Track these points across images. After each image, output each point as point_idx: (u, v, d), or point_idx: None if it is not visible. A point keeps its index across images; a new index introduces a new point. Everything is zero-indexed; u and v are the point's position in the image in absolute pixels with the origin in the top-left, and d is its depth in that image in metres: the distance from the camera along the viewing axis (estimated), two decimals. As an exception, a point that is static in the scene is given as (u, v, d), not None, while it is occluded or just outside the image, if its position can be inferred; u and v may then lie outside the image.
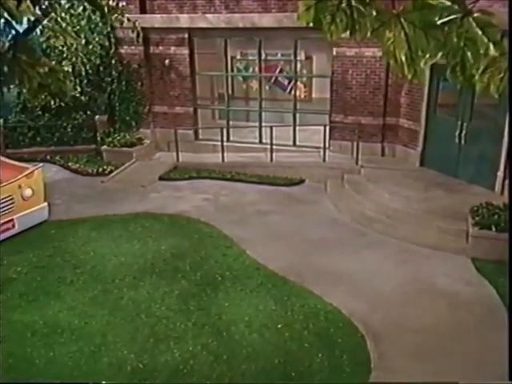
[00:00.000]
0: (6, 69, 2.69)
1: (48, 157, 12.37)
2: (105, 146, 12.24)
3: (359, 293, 6.53)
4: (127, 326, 5.85)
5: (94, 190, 10.49)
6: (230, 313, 6.07)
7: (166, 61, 12.17)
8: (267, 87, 13.97)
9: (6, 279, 6.93)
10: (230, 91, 13.16)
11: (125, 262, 7.34)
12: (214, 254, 7.53)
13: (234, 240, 7.93)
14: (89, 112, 13.11)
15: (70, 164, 11.90)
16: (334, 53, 10.99)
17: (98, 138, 12.63)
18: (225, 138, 12.00)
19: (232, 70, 13.64)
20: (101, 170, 11.44)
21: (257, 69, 12.60)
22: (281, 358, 5.32)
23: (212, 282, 6.75)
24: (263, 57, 12.51)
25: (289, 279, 6.78)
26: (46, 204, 8.74)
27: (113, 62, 12.40)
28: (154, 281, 6.79)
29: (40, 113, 13.07)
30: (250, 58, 13.68)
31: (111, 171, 11.35)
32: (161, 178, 11.01)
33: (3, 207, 7.96)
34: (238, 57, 14.11)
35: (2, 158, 9.19)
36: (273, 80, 14.15)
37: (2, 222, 7.92)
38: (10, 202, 8.07)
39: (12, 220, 8.10)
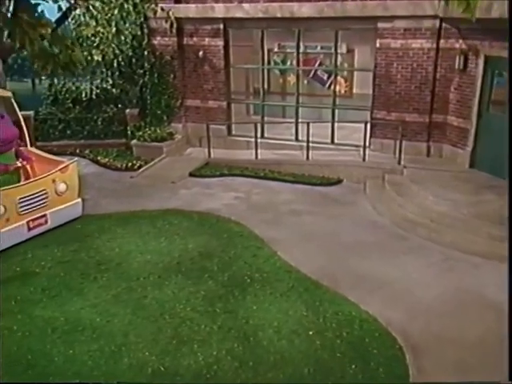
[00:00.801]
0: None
1: (77, 150, 12.62)
2: (135, 141, 12.40)
3: (398, 301, 6.30)
4: (150, 326, 5.82)
5: (123, 185, 10.61)
6: (257, 317, 5.96)
7: (200, 52, 12.22)
8: (305, 82, 13.83)
9: (29, 273, 7.04)
10: (265, 85, 13.11)
11: (150, 259, 7.34)
12: (244, 254, 7.45)
13: (265, 240, 7.84)
14: (120, 105, 13.32)
15: (99, 158, 12.10)
16: (378, 44, 10.74)
17: (129, 132, 12.81)
18: (259, 135, 11.94)
19: (268, 64, 13.58)
20: (130, 164, 11.58)
21: (295, 62, 12.47)
22: (311, 367, 5.17)
23: (240, 283, 6.66)
24: (302, 49, 12.40)
25: (322, 284, 6.63)
26: (80, 200, 8.76)
27: (145, 53, 12.53)
28: (179, 280, 6.76)
29: (71, 105, 13.37)
30: (288, 50, 13.60)
31: (140, 166, 11.47)
32: (191, 175, 11.05)
33: (36, 202, 8.02)
34: (276, 49, 14.04)
35: (37, 151, 9.29)
36: (311, 74, 14.00)
37: (34, 217, 7.99)
38: (43, 196, 8.11)
39: (45, 215, 8.15)
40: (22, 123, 9.04)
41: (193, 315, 6.00)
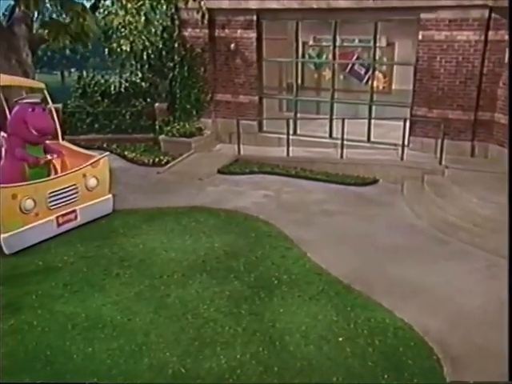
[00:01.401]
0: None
1: (104, 145, 12.77)
2: (163, 136, 12.47)
3: (437, 309, 6.09)
4: (172, 325, 5.78)
5: (149, 180, 10.69)
6: (284, 320, 5.85)
7: (232, 45, 12.19)
8: (341, 77, 13.64)
9: (51, 268, 7.11)
10: (299, 80, 12.99)
11: (175, 257, 7.33)
12: (272, 254, 7.37)
13: (294, 241, 7.76)
14: (148, 99, 13.44)
15: (126, 153, 12.21)
16: (420, 37, 10.48)
17: (157, 127, 12.89)
18: (291, 131, 11.83)
19: (303, 57, 13.44)
20: (157, 160, 11.64)
21: (330, 56, 12.29)
22: (340, 375, 5.03)
23: (267, 285, 6.58)
24: (338, 43, 12.23)
25: (354, 288, 6.49)
26: (110, 196, 8.77)
27: (175, 45, 12.59)
28: (204, 279, 6.72)
29: (99, 98, 13.56)
30: (324, 44, 13.44)
31: (168, 162, 11.53)
32: (220, 172, 11.04)
33: (66, 197, 8.03)
34: (311, 42, 13.92)
35: (67, 144, 9.33)
36: (348, 69, 13.80)
37: (64, 212, 8.01)
38: (73, 191, 8.12)
39: (75, 211, 8.17)
40: (55, 116, 9.06)
41: (217, 316, 5.94)
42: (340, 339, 5.55)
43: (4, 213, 7.30)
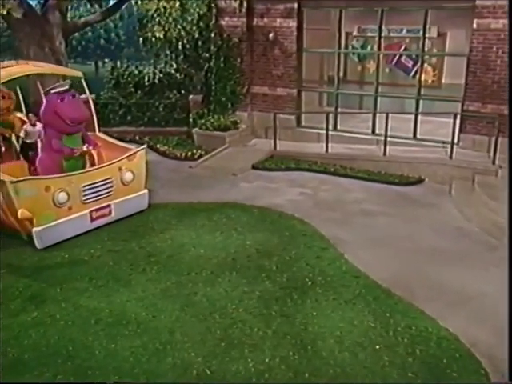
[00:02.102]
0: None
1: (137, 137, 12.91)
2: (196, 129, 12.50)
3: (486, 319, 5.85)
4: (198, 325, 5.76)
5: (181, 174, 10.75)
6: (317, 324, 5.75)
7: (271, 35, 12.10)
8: (387, 70, 13.35)
9: (77, 261, 7.21)
10: (341, 73, 12.79)
11: (204, 254, 7.32)
12: (306, 254, 7.28)
13: (331, 241, 7.66)
14: (183, 91, 13.52)
15: (158, 146, 12.30)
16: (475, 25, 10.13)
17: (190, 120, 12.94)
18: (331, 126, 11.65)
19: (346, 49, 13.24)
20: (190, 154, 11.70)
21: (376, 47, 12.05)
22: (376, 385, 4.88)
23: (300, 286, 6.49)
24: (385, 33, 11.97)
25: (394, 293, 6.33)
26: (146, 191, 8.74)
27: (212, 35, 12.59)
28: (233, 278, 6.68)
29: (132, 90, 13.74)
30: (369, 34, 13.19)
31: (200, 156, 11.57)
32: (254, 167, 11.01)
33: (101, 190, 8.03)
34: (355, 33, 13.67)
35: (103, 136, 9.32)
36: (394, 61, 13.49)
37: (98, 207, 8.01)
38: (108, 185, 8.11)
39: (109, 206, 8.15)
40: (92, 106, 9.06)
41: (245, 317, 5.88)
42: (377, 347, 5.41)
43: (37, 206, 7.36)
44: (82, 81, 9.16)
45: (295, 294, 6.30)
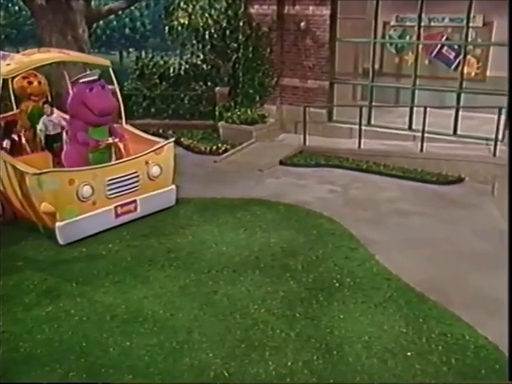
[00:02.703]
0: None
1: (160, 130, 12.95)
2: (222, 122, 12.50)
3: (528, 328, 5.62)
4: (217, 324, 5.72)
5: (205, 169, 10.77)
6: (344, 328, 5.65)
7: (302, 23, 12.02)
8: (426, 62, 13.13)
9: (94, 255, 7.26)
10: (377, 65, 12.62)
11: (226, 251, 7.30)
12: (334, 254, 7.20)
13: (361, 241, 7.57)
14: (209, 83, 13.51)
15: (182, 139, 12.32)
16: (523, 13, 9.81)
17: (216, 113, 12.93)
18: (365, 121, 11.52)
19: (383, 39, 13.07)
20: (215, 148, 11.71)
21: (415, 38, 11.84)
22: (406, 395, 4.75)
23: (327, 287, 6.41)
24: (425, 22, 11.80)
25: (428, 297, 6.20)
26: (174, 187, 8.68)
27: (240, 24, 12.55)
28: (256, 277, 6.64)
29: (157, 81, 13.80)
30: (408, 24, 12.98)
31: (226, 150, 11.57)
32: (282, 163, 10.98)
33: (127, 185, 7.97)
34: (393, 22, 13.47)
35: (131, 128, 9.24)
36: (434, 52, 13.24)
37: (123, 202, 7.94)
38: (134, 179, 8.04)
39: (135, 201, 8.09)
40: (119, 97, 8.99)
41: (268, 318, 5.82)
42: (409, 354, 5.29)
43: (60, 199, 7.34)
44: (110, 70, 9.08)
45: (321, 296, 6.22)
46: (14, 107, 10.09)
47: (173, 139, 8.91)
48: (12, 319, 5.82)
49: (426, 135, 10.58)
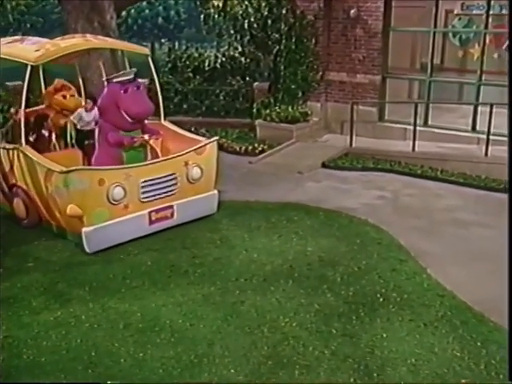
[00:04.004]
0: None
1: (192, 128, 12.98)
2: (260, 120, 12.51)
3: None
4: (242, 338, 5.64)
5: (239, 170, 10.80)
6: (387, 348, 5.49)
7: (352, 11, 11.97)
8: (495, 55, 12.81)
9: (111, 258, 7.28)
10: (437, 59, 12.41)
11: (257, 259, 7.26)
12: (380, 266, 7.09)
13: (411, 253, 7.44)
14: (248, 77, 13.55)
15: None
16: None
17: (254, 110, 12.94)
18: (421, 121, 11.38)
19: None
20: (250, 148, 11.75)
21: (483, 27, 11.63)
22: (457, 429, 4.53)
23: (369, 302, 6.28)
24: (495, 10, 11.57)
25: (489, 318, 6.00)
26: (216, 192, 8.50)
27: (283, 12, 12.54)
28: (289, 288, 6.56)
29: (191, 75, 13.94)
30: (475, 12, 12.70)
31: (263, 151, 11.59)
32: (324, 165, 10.96)
33: (163, 188, 7.79)
34: (457, 11, 13.23)
35: (169, 125, 9.09)
36: (506, 45, 12.88)
37: (159, 207, 7.78)
38: (171, 182, 7.88)
39: (171, 207, 7.92)
40: (159, 90, 8.87)
41: (299, 333, 5.72)
42: (463, 381, 5.08)
43: (88, 201, 7.20)
44: (149, 59, 8.95)
45: (362, 311, 6.09)
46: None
47: (216, 138, 8.66)
48: (17, 323, 5.85)
49: (491, 137, 10.39)
